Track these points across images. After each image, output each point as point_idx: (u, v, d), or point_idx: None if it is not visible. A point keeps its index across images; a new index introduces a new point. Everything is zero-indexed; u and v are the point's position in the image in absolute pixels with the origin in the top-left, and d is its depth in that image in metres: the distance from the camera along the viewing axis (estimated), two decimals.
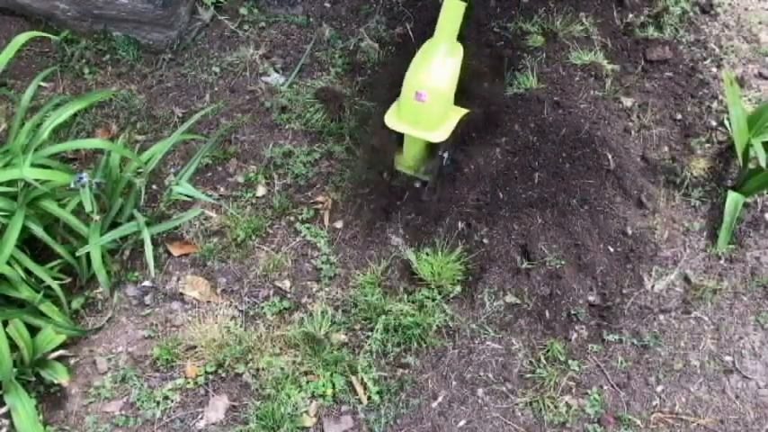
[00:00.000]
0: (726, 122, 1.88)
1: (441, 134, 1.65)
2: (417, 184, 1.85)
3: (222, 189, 1.93)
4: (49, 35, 1.98)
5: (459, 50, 1.67)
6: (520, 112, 1.93)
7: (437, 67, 1.63)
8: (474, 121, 1.81)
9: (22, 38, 1.75)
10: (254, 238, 1.83)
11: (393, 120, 1.67)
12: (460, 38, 1.66)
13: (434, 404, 1.60)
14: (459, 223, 1.80)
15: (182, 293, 1.77)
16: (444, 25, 1.64)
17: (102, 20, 2.17)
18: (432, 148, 1.76)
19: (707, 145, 1.87)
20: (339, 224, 1.85)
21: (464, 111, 1.73)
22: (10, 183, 1.59)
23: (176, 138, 1.82)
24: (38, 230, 1.59)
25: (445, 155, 1.77)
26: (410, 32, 2.13)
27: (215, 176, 1.95)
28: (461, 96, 1.71)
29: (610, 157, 1.85)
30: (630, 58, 2.00)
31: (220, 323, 1.70)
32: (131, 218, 1.74)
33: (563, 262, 1.74)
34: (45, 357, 1.62)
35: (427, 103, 1.61)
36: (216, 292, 1.77)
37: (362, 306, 1.70)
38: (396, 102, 1.70)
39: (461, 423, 1.57)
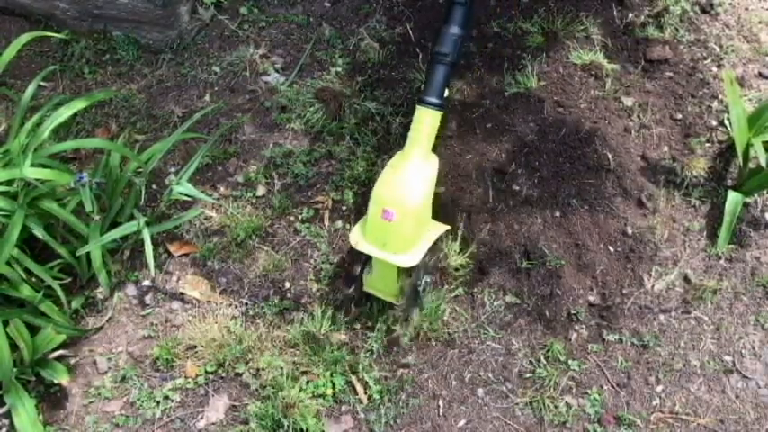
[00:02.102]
0: (726, 122, 1.88)
1: (411, 258, 1.46)
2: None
3: (222, 189, 1.93)
4: (52, 34, 1.98)
5: (434, 163, 1.52)
6: (520, 111, 1.93)
7: (408, 182, 1.47)
8: (474, 121, 1.81)
9: (24, 38, 1.75)
10: (254, 238, 1.83)
11: (358, 238, 1.50)
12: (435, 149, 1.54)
13: (434, 404, 1.60)
14: (459, 223, 1.80)
15: (182, 293, 1.77)
16: (416, 136, 1.50)
17: (102, 19, 2.17)
18: (407, 271, 1.55)
19: (707, 145, 1.87)
20: (339, 224, 1.85)
21: (444, 227, 1.58)
22: (10, 182, 1.59)
23: (176, 137, 1.82)
24: (38, 230, 1.59)
25: (425, 279, 1.59)
26: (410, 32, 2.13)
27: (215, 176, 1.95)
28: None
29: (610, 156, 1.85)
30: (630, 58, 2.00)
31: (220, 323, 1.70)
32: (131, 218, 1.74)
33: (563, 262, 1.74)
34: (45, 357, 1.62)
35: (396, 222, 1.44)
36: (216, 292, 1.77)
37: (362, 306, 1.69)
38: (363, 218, 1.54)
39: (461, 423, 1.57)
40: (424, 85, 1.53)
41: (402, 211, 1.45)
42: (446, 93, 1.52)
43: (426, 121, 1.50)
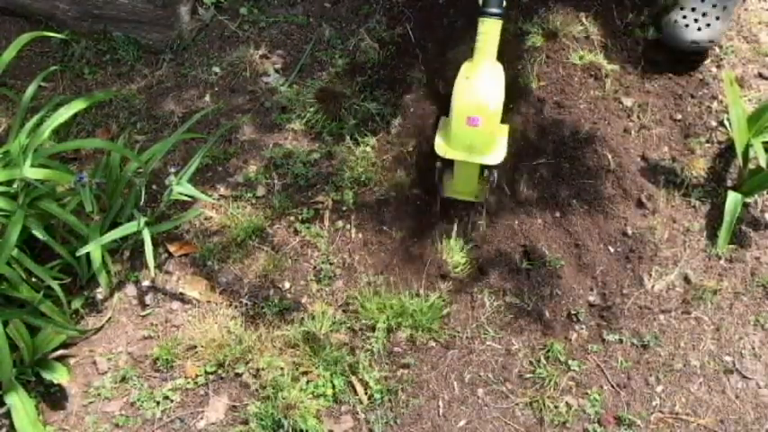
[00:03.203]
0: (726, 122, 1.88)
1: (497, 155, 1.63)
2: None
3: (222, 189, 1.93)
4: (53, 34, 1.98)
5: (500, 69, 1.65)
6: (520, 111, 1.93)
7: (485, 88, 1.59)
8: None
9: (24, 38, 1.75)
10: (254, 238, 1.83)
11: (444, 148, 1.64)
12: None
13: (434, 404, 1.60)
14: (459, 224, 1.80)
15: (182, 293, 1.77)
16: (482, 46, 1.61)
17: (102, 20, 2.17)
18: (484, 169, 1.73)
19: (707, 145, 1.87)
20: (339, 224, 1.85)
21: (506, 126, 1.71)
22: (10, 183, 1.59)
23: (176, 138, 1.82)
24: (38, 230, 1.59)
25: (494, 173, 1.72)
26: (410, 32, 2.13)
27: (215, 176, 1.95)
28: None
29: (610, 157, 1.85)
30: (630, 58, 2.00)
31: (220, 323, 1.70)
32: (131, 218, 1.74)
33: (563, 262, 1.74)
34: (45, 357, 1.62)
35: (481, 128, 1.58)
36: (216, 292, 1.77)
37: (363, 306, 1.70)
38: (441, 129, 1.68)
39: (461, 423, 1.57)
40: None
41: (486, 115, 1.58)
42: (504, 2, 1.63)
43: (490, 32, 1.61)
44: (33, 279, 1.63)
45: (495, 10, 1.60)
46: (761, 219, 1.78)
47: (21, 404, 1.50)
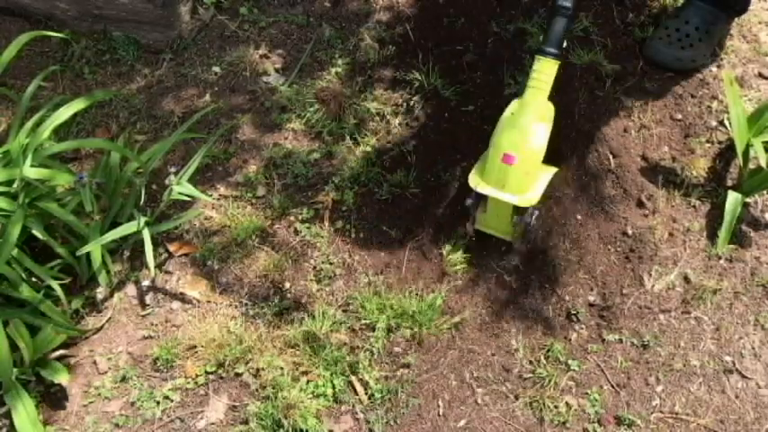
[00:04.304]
0: (726, 122, 1.88)
1: (529, 198, 1.57)
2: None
3: (222, 189, 1.93)
4: (53, 34, 1.98)
5: (551, 111, 1.61)
6: None
7: (528, 128, 1.56)
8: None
9: (24, 38, 1.75)
10: (254, 238, 1.83)
11: (477, 180, 1.61)
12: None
13: (434, 404, 1.60)
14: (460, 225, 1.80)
15: (182, 293, 1.77)
16: (536, 84, 1.58)
17: (102, 20, 2.17)
18: (518, 209, 1.67)
19: (707, 145, 1.87)
20: (339, 224, 1.85)
21: (554, 169, 1.67)
22: (10, 182, 1.59)
23: (176, 137, 1.82)
24: (38, 230, 1.59)
25: (534, 215, 1.68)
26: (410, 32, 2.13)
27: (215, 176, 1.95)
28: None
29: (610, 157, 1.85)
30: (630, 58, 2.00)
31: (220, 323, 1.70)
32: (131, 218, 1.74)
33: (563, 262, 1.74)
34: (45, 357, 1.62)
35: (515, 166, 1.54)
36: (216, 292, 1.77)
37: (363, 306, 1.70)
38: (480, 161, 1.65)
39: (461, 423, 1.57)
40: (543, 36, 1.61)
41: (522, 155, 1.55)
42: (564, 44, 1.61)
43: (546, 71, 1.58)
44: (33, 279, 1.63)
45: (553, 50, 1.57)
46: (761, 219, 1.78)
47: (21, 404, 1.49)
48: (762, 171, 1.68)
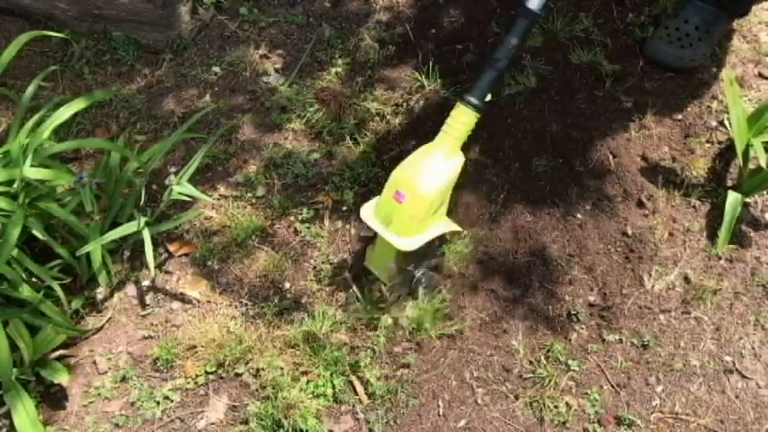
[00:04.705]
0: (726, 122, 1.88)
1: (409, 243, 1.49)
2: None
3: (222, 189, 1.93)
4: (53, 34, 1.98)
5: (458, 160, 1.54)
6: (519, 112, 1.93)
7: (429, 171, 1.49)
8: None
9: (24, 38, 1.75)
10: (254, 238, 1.83)
11: (367, 212, 1.55)
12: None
13: (434, 404, 1.60)
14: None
15: (182, 293, 1.77)
16: (449, 130, 1.53)
17: (101, 20, 2.17)
18: (406, 257, 1.58)
19: (707, 145, 1.87)
20: (339, 224, 1.85)
21: (455, 227, 1.59)
22: (10, 182, 1.59)
23: (176, 137, 1.82)
24: (38, 230, 1.59)
25: (417, 272, 1.63)
26: (410, 32, 2.13)
27: (215, 176, 1.95)
28: None
29: (610, 157, 1.85)
30: (630, 58, 2.00)
31: (220, 323, 1.70)
32: (131, 218, 1.74)
33: (563, 262, 1.74)
34: (45, 357, 1.62)
35: (403, 205, 1.47)
36: (216, 292, 1.77)
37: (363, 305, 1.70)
38: (379, 195, 1.57)
39: (461, 423, 1.57)
40: (470, 85, 1.56)
41: (413, 195, 1.48)
42: (488, 97, 1.55)
43: (462, 119, 1.53)
44: (33, 279, 1.63)
45: (474, 101, 1.51)
46: (761, 219, 1.78)
47: (21, 404, 1.49)
48: (762, 171, 1.68)
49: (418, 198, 1.48)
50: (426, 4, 2.19)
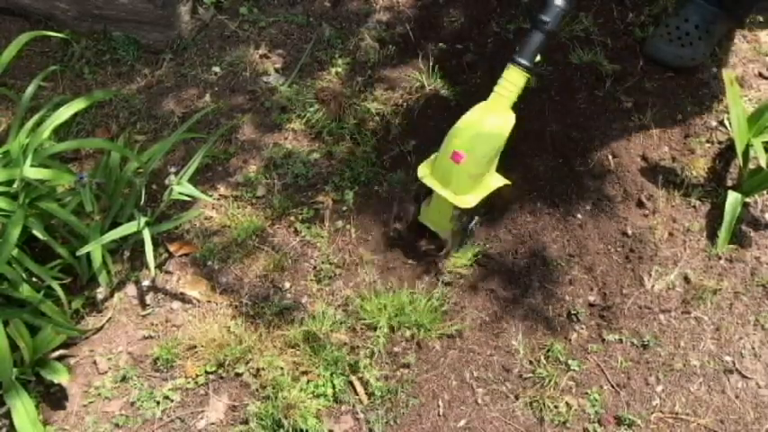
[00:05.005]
0: (726, 122, 1.88)
1: (468, 200, 1.57)
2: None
3: (222, 189, 1.93)
4: (52, 34, 1.98)
5: (511, 120, 1.59)
6: (519, 112, 1.93)
7: (482, 132, 1.55)
8: None
9: (24, 38, 1.75)
10: (254, 238, 1.83)
11: (425, 172, 1.62)
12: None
13: (434, 404, 1.60)
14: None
15: (182, 293, 1.77)
16: (500, 91, 1.57)
17: (101, 20, 2.17)
18: (461, 211, 1.66)
19: (707, 145, 1.87)
20: (339, 224, 1.85)
21: (504, 181, 1.65)
22: (10, 182, 1.59)
23: (176, 137, 1.82)
24: (38, 230, 1.59)
25: (473, 221, 1.68)
26: (410, 32, 2.13)
27: (215, 176, 1.95)
28: None
29: (610, 157, 1.85)
30: (630, 58, 2.00)
31: (220, 323, 1.70)
32: (131, 218, 1.74)
33: (563, 262, 1.74)
34: (45, 357, 1.62)
35: (462, 166, 1.53)
36: (216, 292, 1.77)
37: (363, 306, 1.70)
38: (433, 156, 1.64)
39: (461, 423, 1.57)
40: (518, 46, 1.59)
41: (471, 156, 1.53)
42: (537, 58, 1.59)
43: (513, 80, 1.57)
44: (33, 279, 1.63)
45: (524, 62, 1.55)
46: (761, 219, 1.78)
47: (21, 404, 1.49)
48: (762, 171, 1.68)
49: (477, 159, 1.54)
50: (426, 3, 2.19)
